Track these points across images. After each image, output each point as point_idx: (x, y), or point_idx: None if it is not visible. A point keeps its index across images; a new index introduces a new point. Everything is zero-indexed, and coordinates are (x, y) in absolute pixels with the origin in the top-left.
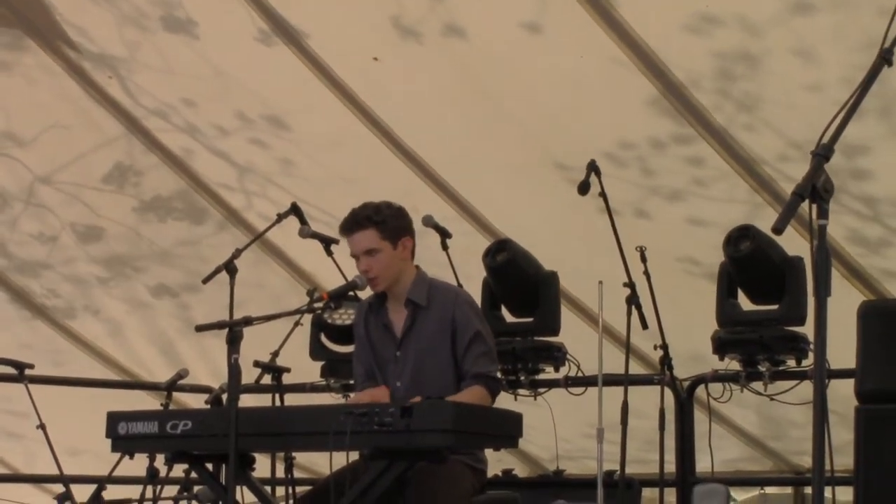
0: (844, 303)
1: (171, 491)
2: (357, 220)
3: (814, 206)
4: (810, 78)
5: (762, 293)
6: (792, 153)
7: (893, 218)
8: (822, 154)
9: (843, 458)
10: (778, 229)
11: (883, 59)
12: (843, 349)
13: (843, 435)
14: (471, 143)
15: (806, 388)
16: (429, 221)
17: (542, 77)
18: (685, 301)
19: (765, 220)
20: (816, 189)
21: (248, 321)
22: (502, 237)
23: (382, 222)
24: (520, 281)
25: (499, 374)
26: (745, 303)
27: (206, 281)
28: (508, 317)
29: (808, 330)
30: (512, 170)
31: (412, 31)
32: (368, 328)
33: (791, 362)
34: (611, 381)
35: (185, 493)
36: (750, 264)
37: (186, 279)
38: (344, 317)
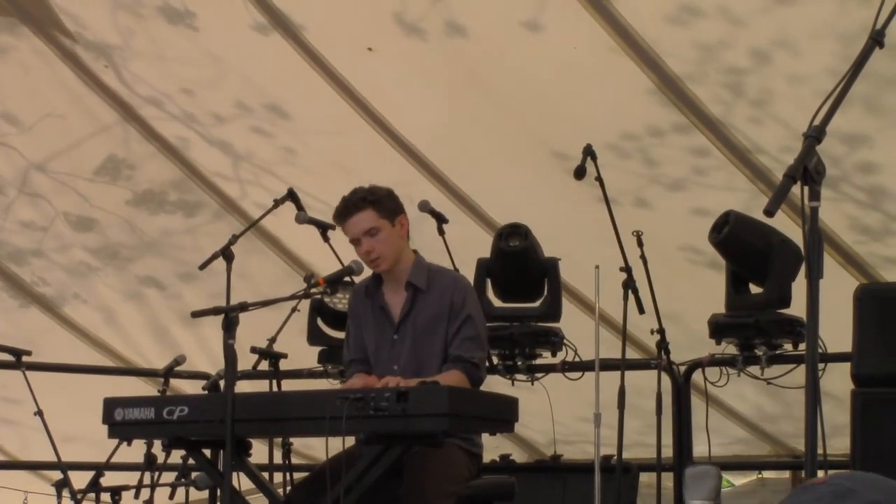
0: (841, 289)
1: (168, 477)
2: (353, 203)
3: (805, 189)
4: (794, 70)
5: (750, 276)
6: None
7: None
8: (814, 136)
9: (842, 440)
10: (769, 212)
11: (874, 40)
12: (839, 335)
13: (841, 418)
14: (466, 133)
15: (804, 372)
16: (425, 207)
17: (539, 68)
18: (684, 288)
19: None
20: (808, 171)
21: (244, 306)
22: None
23: (378, 201)
24: (528, 267)
25: (492, 359)
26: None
27: (202, 267)
28: (496, 301)
29: (803, 313)
30: (508, 160)
31: (408, 24)
32: (365, 311)
33: (788, 346)
34: (608, 365)
35: (183, 479)
36: (730, 248)
37: (181, 269)
38: (344, 301)
